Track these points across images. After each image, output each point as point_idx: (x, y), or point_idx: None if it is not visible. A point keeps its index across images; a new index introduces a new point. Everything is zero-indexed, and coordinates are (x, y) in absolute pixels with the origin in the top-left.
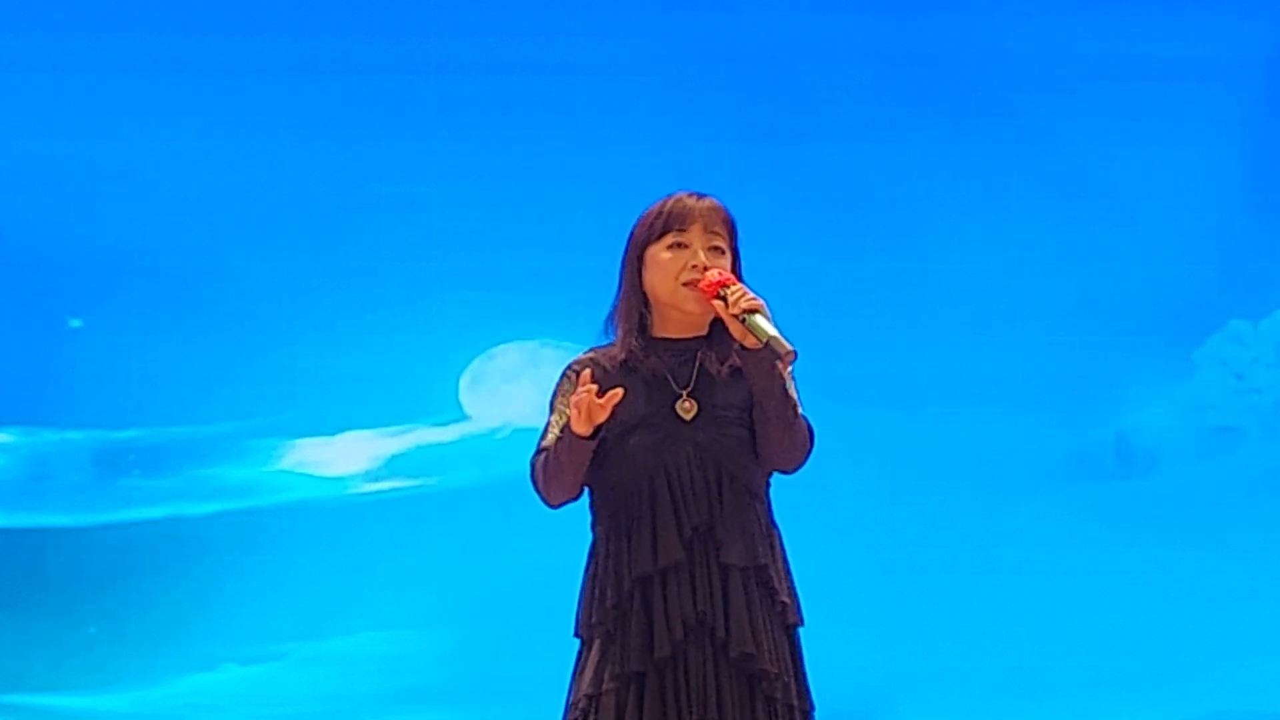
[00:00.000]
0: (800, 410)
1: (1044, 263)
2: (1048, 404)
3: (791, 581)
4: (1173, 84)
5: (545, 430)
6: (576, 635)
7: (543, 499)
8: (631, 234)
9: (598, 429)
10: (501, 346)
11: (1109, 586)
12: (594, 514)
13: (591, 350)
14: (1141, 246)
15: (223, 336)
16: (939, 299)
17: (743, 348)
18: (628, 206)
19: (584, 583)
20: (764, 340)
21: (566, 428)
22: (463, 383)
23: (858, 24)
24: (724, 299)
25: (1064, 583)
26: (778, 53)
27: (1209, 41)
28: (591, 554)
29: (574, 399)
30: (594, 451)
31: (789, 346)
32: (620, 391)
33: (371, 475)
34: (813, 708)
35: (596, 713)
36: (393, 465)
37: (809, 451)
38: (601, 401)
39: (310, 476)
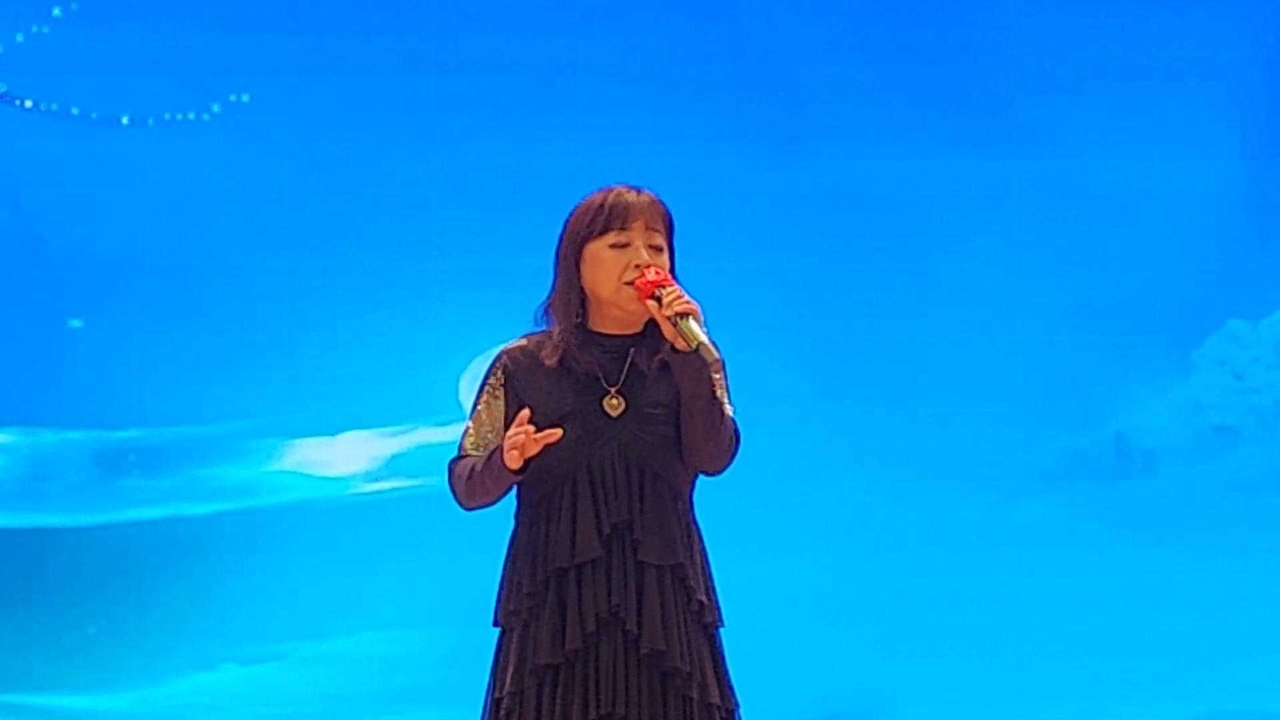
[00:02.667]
0: (730, 414)
1: (1044, 263)
2: (1047, 404)
3: (710, 582)
4: (1173, 84)
5: (467, 429)
6: (495, 624)
7: (459, 505)
8: (567, 226)
9: (527, 462)
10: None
11: (1109, 586)
12: (518, 504)
13: (524, 338)
14: (1141, 246)
15: (223, 337)
16: (939, 299)
17: (673, 349)
18: None
19: (503, 572)
20: (693, 345)
21: (497, 457)
22: (463, 383)
23: (858, 24)
24: (659, 299)
25: (1064, 583)
26: (778, 53)
27: (1209, 42)
28: (512, 543)
29: (510, 436)
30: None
31: (716, 354)
32: (559, 432)
33: (371, 475)
34: (736, 706)
35: (521, 710)
36: (393, 465)
37: (734, 454)
38: (538, 437)
39: (310, 476)
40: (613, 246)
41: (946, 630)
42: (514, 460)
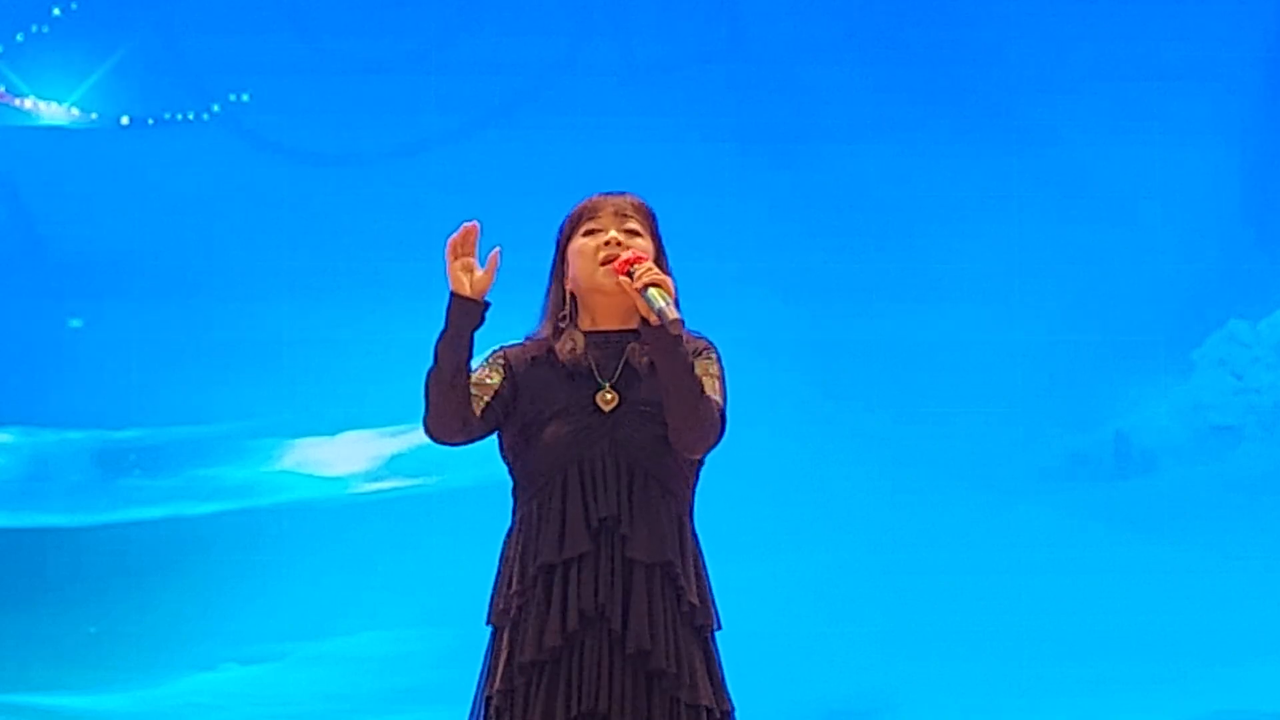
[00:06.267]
0: (717, 399)
1: (1043, 262)
2: (1048, 404)
3: (705, 584)
4: (1173, 84)
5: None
6: (488, 623)
7: (429, 428)
8: (556, 242)
9: (478, 304)
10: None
11: (1109, 586)
12: (514, 501)
13: (525, 341)
14: (1141, 246)
15: (222, 337)
16: (939, 299)
17: (645, 323)
18: None
19: (497, 571)
20: (655, 309)
21: (450, 307)
22: None
23: (858, 24)
24: (631, 275)
25: (1064, 583)
26: (778, 53)
27: (1209, 41)
28: (505, 542)
29: (451, 240)
30: (515, 439)
31: (674, 315)
32: (498, 249)
33: (371, 475)
34: (732, 709)
35: (511, 707)
36: (393, 465)
37: (717, 437)
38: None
39: (310, 476)
40: (585, 234)
41: (946, 630)
42: (459, 277)
